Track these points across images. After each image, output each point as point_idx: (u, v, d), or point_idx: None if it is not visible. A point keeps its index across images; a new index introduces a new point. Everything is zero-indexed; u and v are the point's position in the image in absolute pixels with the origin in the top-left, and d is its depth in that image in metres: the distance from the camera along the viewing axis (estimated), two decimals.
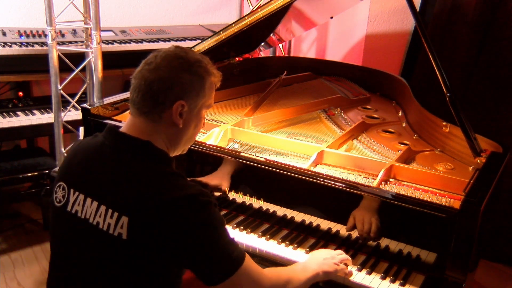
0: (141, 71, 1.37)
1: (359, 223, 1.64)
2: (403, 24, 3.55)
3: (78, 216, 1.33)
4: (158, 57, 1.37)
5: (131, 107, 1.39)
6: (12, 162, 3.09)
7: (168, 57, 1.37)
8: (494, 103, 3.03)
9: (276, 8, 2.17)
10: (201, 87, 1.39)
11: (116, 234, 1.26)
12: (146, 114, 1.36)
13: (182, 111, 1.37)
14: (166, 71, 1.35)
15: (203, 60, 1.42)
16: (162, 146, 1.39)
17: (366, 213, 1.62)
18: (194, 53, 1.42)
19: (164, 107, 1.35)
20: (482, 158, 1.79)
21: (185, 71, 1.36)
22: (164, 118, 1.36)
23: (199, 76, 1.39)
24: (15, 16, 3.26)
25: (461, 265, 1.47)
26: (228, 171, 1.84)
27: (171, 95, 1.35)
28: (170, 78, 1.35)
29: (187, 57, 1.38)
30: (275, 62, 3.10)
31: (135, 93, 1.37)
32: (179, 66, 1.36)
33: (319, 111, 2.33)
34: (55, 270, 1.44)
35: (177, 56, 1.38)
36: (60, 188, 1.39)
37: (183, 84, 1.36)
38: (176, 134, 1.41)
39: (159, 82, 1.34)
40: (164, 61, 1.36)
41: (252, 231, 1.75)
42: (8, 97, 3.26)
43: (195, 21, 3.92)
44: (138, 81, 1.36)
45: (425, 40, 1.77)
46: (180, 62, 1.37)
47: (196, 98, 1.39)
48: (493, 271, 3.02)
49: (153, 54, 1.40)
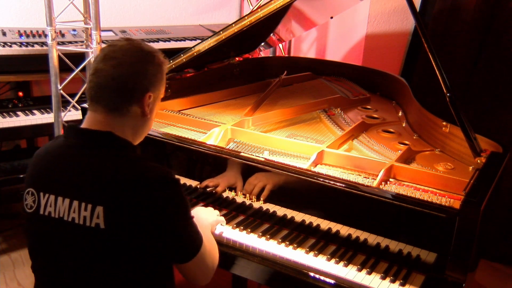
0: (104, 68, 1.35)
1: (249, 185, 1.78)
2: (403, 24, 3.55)
3: (52, 216, 1.33)
4: (117, 52, 1.37)
5: (93, 105, 1.38)
6: (12, 162, 3.09)
7: (130, 51, 1.38)
8: (494, 103, 3.03)
9: (276, 8, 2.17)
10: (162, 75, 1.44)
11: (94, 225, 1.27)
12: (113, 110, 1.37)
13: (150, 102, 1.41)
14: (131, 65, 1.36)
15: (156, 49, 1.45)
16: (126, 136, 1.40)
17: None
18: (145, 44, 1.44)
19: (133, 101, 1.38)
20: (482, 158, 1.79)
21: (149, 62, 1.39)
22: (132, 112, 1.39)
23: (159, 65, 1.43)
24: (15, 16, 3.26)
25: (461, 265, 1.47)
26: (228, 171, 1.84)
27: (140, 88, 1.38)
28: (137, 72, 1.37)
29: (145, 49, 1.41)
30: (275, 62, 3.10)
31: (99, 91, 1.36)
32: (143, 58, 1.39)
33: (319, 111, 2.33)
34: (41, 276, 1.43)
35: (137, 49, 1.39)
36: (29, 195, 1.38)
37: (149, 76, 1.39)
38: (142, 124, 1.44)
39: (127, 77, 1.35)
40: (127, 56, 1.37)
41: (252, 231, 1.75)
42: (8, 97, 3.26)
43: (195, 21, 3.92)
44: (103, 79, 1.35)
45: (425, 40, 1.77)
46: (143, 55, 1.39)
47: (159, 87, 1.44)
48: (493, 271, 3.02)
49: (107, 49, 1.39)
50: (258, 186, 1.77)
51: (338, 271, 1.56)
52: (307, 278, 1.58)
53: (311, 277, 1.58)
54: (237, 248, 1.70)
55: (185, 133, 2.05)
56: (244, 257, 1.67)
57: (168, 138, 1.93)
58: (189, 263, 1.39)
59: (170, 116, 2.17)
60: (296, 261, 1.61)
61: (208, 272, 1.47)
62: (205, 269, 1.45)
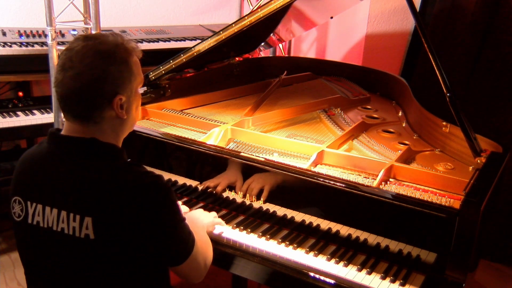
0: (63, 80, 1.26)
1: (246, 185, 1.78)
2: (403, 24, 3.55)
3: (41, 226, 1.31)
4: (73, 59, 1.26)
5: (66, 115, 1.33)
6: (12, 162, 3.09)
7: (86, 56, 1.26)
8: (494, 103, 3.03)
9: (276, 8, 2.17)
10: (130, 71, 1.33)
11: (83, 236, 1.25)
12: (86, 120, 1.31)
13: (122, 103, 1.32)
14: (90, 73, 1.25)
15: (119, 41, 1.32)
16: (109, 140, 1.35)
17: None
18: (106, 37, 1.31)
19: (104, 107, 1.30)
20: (482, 158, 1.79)
21: (109, 64, 1.28)
22: (106, 117, 1.32)
23: (123, 62, 1.31)
24: (15, 16, 3.26)
25: (461, 265, 1.47)
26: (228, 171, 1.84)
27: (106, 94, 1.28)
28: (98, 79, 1.26)
29: (104, 47, 1.28)
30: (275, 62, 3.10)
31: (66, 103, 1.30)
32: (101, 61, 1.27)
33: (319, 111, 2.33)
34: (32, 282, 1.43)
35: (94, 52, 1.27)
36: (16, 203, 1.36)
37: (113, 79, 1.28)
38: (121, 124, 1.37)
39: (88, 86, 1.26)
40: (83, 63, 1.26)
41: (252, 231, 1.75)
42: (8, 97, 3.26)
43: (195, 21, 3.92)
44: (65, 91, 1.28)
45: (425, 40, 1.77)
46: (101, 57, 1.27)
47: (129, 84, 1.33)
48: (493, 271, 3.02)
49: (64, 55, 1.28)
50: (257, 187, 1.77)
51: (338, 271, 1.56)
52: (307, 278, 1.58)
53: (311, 277, 1.58)
54: (237, 248, 1.70)
55: (185, 133, 2.05)
56: (244, 257, 1.67)
57: (168, 138, 1.93)
58: (182, 265, 1.38)
59: (170, 116, 2.17)
60: (296, 261, 1.61)
61: (200, 271, 1.46)
62: (197, 269, 1.45)
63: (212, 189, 1.87)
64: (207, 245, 1.55)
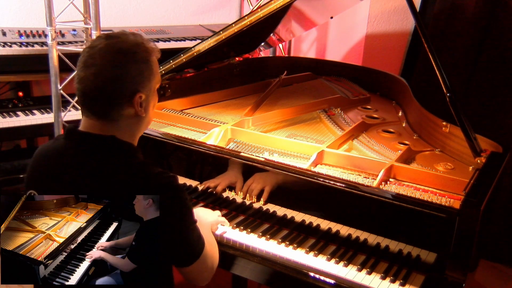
0: (86, 76, 1.29)
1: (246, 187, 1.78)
2: (403, 24, 3.55)
3: None
4: (96, 57, 1.29)
5: (85, 111, 1.34)
6: (12, 162, 3.09)
7: (108, 54, 1.29)
8: (494, 103, 3.03)
9: (276, 8, 2.17)
10: (150, 70, 1.35)
11: None
12: (105, 117, 1.32)
13: (142, 101, 1.34)
14: (112, 70, 1.28)
15: (140, 40, 1.35)
16: (126, 138, 1.36)
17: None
18: (127, 36, 1.34)
19: (124, 105, 1.32)
20: (482, 158, 1.78)
21: (130, 62, 1.30)
22: (125, 114, 1.34)
23: (144, 61, 1.33)
24: (15, 16, 3.26)
25: (461, 265, 1.47)
26: (228, 171, 1.84)
27: (127, 92, 1.30)
28: (119, 76, 1.28)
29: (126, 46, 1.31)
30: (275, 62, 3.10)
31: (87, 99, 1.31)
32: (123, 59, 1.29)
33: (319, 111, 2.33)
34: None
35: (116, 50, 1.29)
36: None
37: (134, 77, 1.31)
38: (138, 123, 1.39)
39: (109, 84, 1.28)
40: (105, 60, 1.28)
41: (252, 231, 1.75)
42: (8, 97, 3.26)
43: (195, 21, 3.92)
44: (86, 87, 1.29)
45: (425, 40, 1.77)
46: (122, 55, 1.30)
47: (149, 83, 1.36)
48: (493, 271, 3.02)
49: (87, 52, 1.31)
50: (258, 187, 1.76)
51: (338, 271, 1.56)
52: (307, 278, 1.58)
53: (311, 277, 1.58)
54: (237, 248, 1.70)
55: (185, 133, 2.05)
56: (244, 257, 1.67)
57: (168, 138, 1.93)
58: (191, 267, 1.39)
59: (170, 116, 2.17)
60: (296, 261, 1.61)
61: (208, 273, 1.47)
62: (205, 271, 1.46)
63: (212, 189, 1.87)
64: (214, 247, 1.56)
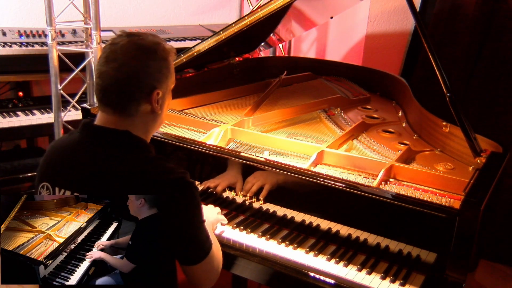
0: (107, 71, 1.33)
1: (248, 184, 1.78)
2: (403, 24, 3.55)
3: None
4: (118, 52, 1.33)
5: (102, 106, 1.37)
6: (12, 162, 3.09)
7: (130, 50, 1.33)
8: (494, 103, 3.03)
9: (276, 8, 2.17)
10: (168, 68, 1.40)
11: None
12: (122, 111, 1.36)
13: (159, 98, 1.38)
14: (133, 65, 1.32)
15: (160, 41, 1.40)
16: (139, 134, 1.39)
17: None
18: (147, 35, 1.39)
19: (141, 100, 1.35)
20: (482, 158, 1.78)
21: (150, 59, 1.35)
22: (141, 110, 1.37)
23: (163, 59, 1.38)
24: (15, 16, 3.26)
25: (461, 265, 1.47)
26: (228, 171, 1.84)
27: (146, 88, 1.35)
28: (140, 72, 1.33)
29: (147, 44, 1.36)
30: (275, 62, 3.10)
31: (105, 94, 1.35)
32: (144, 56, 1.34)
33: (319, 111, 2.33)
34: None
35: (137, 47, 1.35)
36: (44, 188, 1.39)
37: (153, 74, 1.35)
38: (153, 120, 1.43)
39: (130, 79, 1.32)
40: (128, 56, 1.33)
41: (252, 231, 1.75)
42: (8, 97, 3.26)
43: (195, 21, 3.92)
44: (107, 81, 1.33)
45: (425, 40, 1.77)
46: (143, 51, 1.35)
47: (166, 81, 1.40)
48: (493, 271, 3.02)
49: (109, 48, 1.36)
50: (257, 184, 1.77)
51: (338, 271, 1.56)
52: (307, 278, 1.58)
53: (311, 277, 1.58)
54: (237, 248, 1.70)
55: (185, 133, 2.05)
56: (244, 257, 1.67)
57: (168, 138, 1.93)
58: (197, 266, 1.39)
59: (170, 116, 2.17)
60: (296, 261, 1.61)
61: (213, 275, 1.47)
62: (211, 272, 1.45)
63: (212, 189, 1.87)
64: (218, 248, 1.55)
